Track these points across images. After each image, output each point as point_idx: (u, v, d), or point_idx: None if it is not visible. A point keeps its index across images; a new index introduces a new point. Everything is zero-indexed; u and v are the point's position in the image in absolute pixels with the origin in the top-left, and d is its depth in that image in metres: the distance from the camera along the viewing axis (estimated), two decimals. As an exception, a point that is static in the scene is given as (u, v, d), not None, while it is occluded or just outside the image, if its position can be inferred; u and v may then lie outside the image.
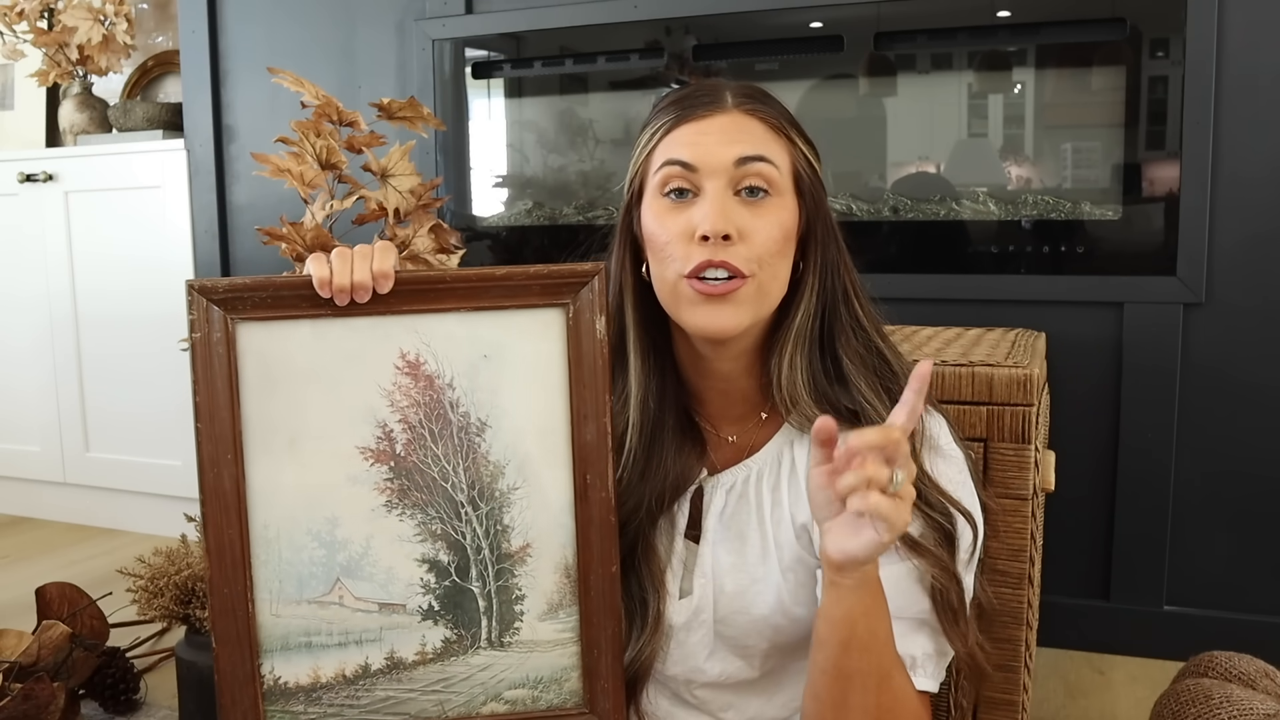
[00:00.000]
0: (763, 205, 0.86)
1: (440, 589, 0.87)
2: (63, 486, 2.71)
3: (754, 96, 0.89)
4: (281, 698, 0.86)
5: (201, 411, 0.82)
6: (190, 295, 0.82)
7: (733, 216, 0.84)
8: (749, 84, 0.91)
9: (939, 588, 0.84)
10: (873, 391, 0.87)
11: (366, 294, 0.83)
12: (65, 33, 2.59)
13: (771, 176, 0.86)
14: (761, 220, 0.85)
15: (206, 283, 0.82)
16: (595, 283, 0.86)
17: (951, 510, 0.84)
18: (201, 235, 2.49)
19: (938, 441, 0.88)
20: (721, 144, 0.86)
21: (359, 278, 0.82)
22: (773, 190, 0.86)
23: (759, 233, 0.85)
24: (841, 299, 0.90)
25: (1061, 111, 1.85)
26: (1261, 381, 1.73)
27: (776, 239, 0.86)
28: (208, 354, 0.82)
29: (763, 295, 0.87)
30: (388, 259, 0.83)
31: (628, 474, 0.92)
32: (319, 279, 0.82)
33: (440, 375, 0.85)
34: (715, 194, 0.85)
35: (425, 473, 0.86)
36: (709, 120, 0.87)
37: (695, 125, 0.87)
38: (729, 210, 0.84)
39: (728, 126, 0.86)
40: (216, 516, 0.83)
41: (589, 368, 0.86)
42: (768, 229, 0.85)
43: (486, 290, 0.85)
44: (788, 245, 0.88)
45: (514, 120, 2.24)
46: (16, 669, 1.45)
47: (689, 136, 0.87)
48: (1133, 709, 1.64)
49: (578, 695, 0.89)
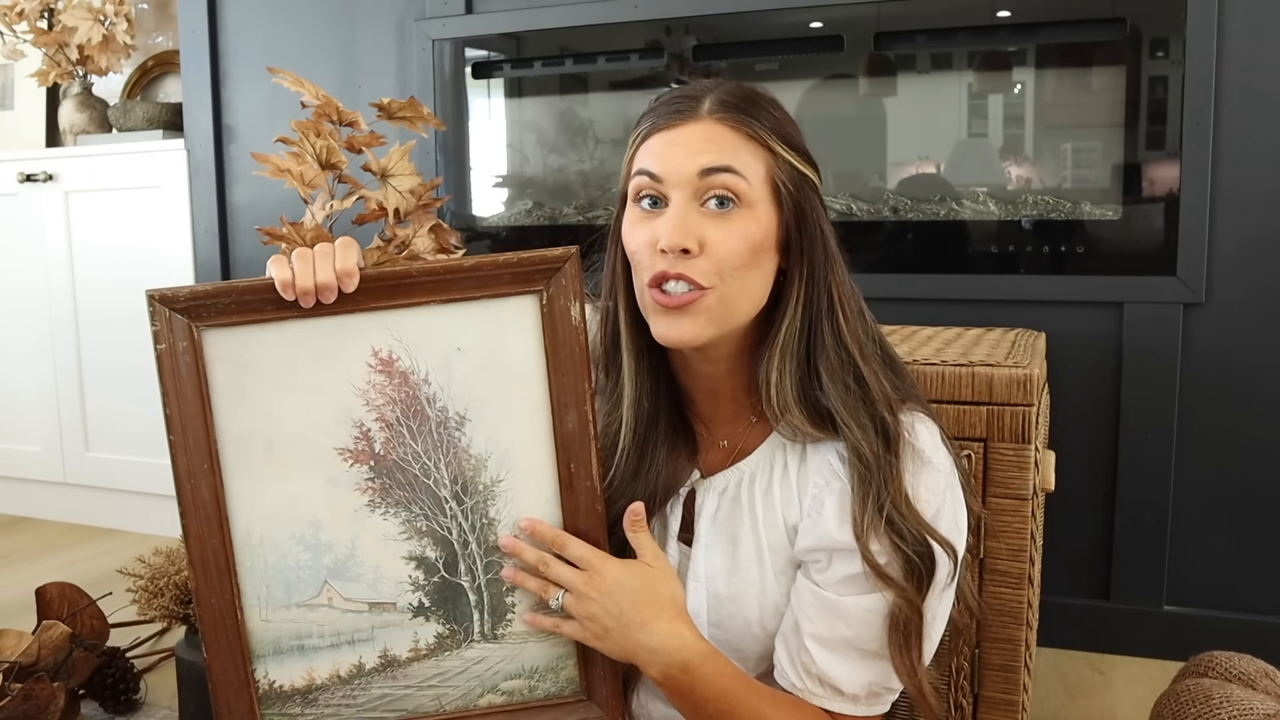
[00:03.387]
0: (729, 216, 0.84)
1: (429, 585, 0.86)
2: (63, 486, 2.71)
3: (731, 104, 0.86)
4: (278, 701, 0.86)
5: (173, 424, 0.81)
6: (152, 306, 0.81)
7: (693, 229, 0.83)
8: (736, 87, 0.89)
9: (900, 618, 0.84)
10: (849, 411, 0.85)
11: (331, 294, 0.81)
12: (65, 33, 2.59)
13: (738, 187, 0.84)
14: (725, 232, 0.84)
15: (167, 292, 0.81)
16: (568, 268, 0.84)
17: (927, 539, 0.84)
18: (201, 235, 2.49)
19: (923, 450, 0.87)
20: (688, 155, 0.84)
21: (322, 278, 0.80)
22: (741, 201, 0.84)
23: (721, 245, 0.84)
24: (825, 313, 0.88)
25: (1061, 111, 1.85)
26: (1261, 381, 1.73)
27: (739, 251, 0.84)
28: (174, 365, 0.81)
29: (727, 307, 0.85)
30: (350, 257, 0.82)
31: (620, 473, 0.91)
32: (281, 282, 0.80)
33: (415, 371, 0.84)
34: (677, 206, 0.84)
35: (406, 470, 0.85)
36: (679, 130, 0.86)
37: (667, 134, 0.86)
38: (689, 223, 0.83)
39: (697, 136, 0.85)
40: (198, 528, 0.82)
41: (566, 355, 0.85)
42: (730, 241, 0.84)
43: (456, 282, 0.84)
44: (756, 257, 0.85)
45: (514, 120, 2.24)
46: (16, 669, 1.45)
47: (659, 146, 0.86)
48: (1133, 709, 1.64)
49: (574, 683, 0.89)
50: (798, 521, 0.89)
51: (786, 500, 0.90)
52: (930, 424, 0.89)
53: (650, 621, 0.83)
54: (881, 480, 0.83)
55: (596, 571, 0.85)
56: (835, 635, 0.86)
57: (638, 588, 0.84)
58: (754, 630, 0.91)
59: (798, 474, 0.90)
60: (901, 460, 0.85)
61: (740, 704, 0.85)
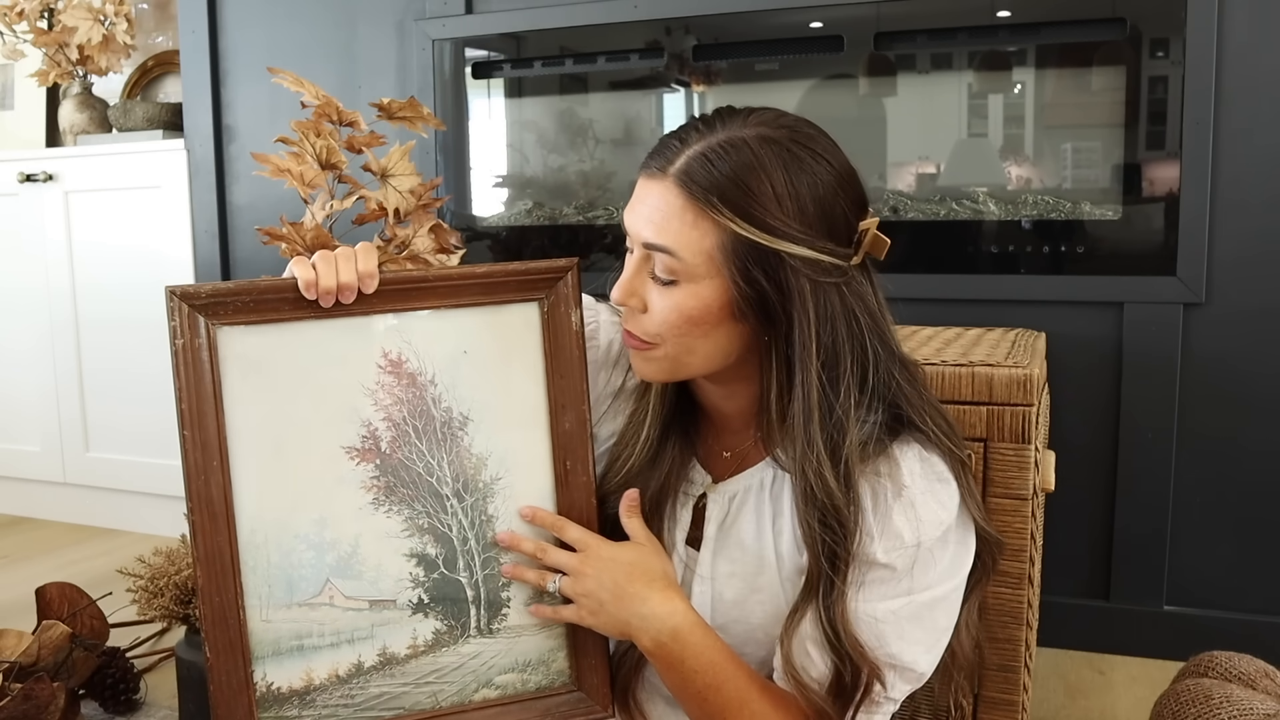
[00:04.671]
0: (669, 288, 0.84)
1: (429, 582, 0.88)
2: (63, 486, 2.71)
3: (701, 169, 0.81)
4: (275, 704, 0.86)
5: (187, 419, 0.82)
6: (171, 302, 0.81)
7: (638, 289, 0.86)
8: (723, 145, 0.81)
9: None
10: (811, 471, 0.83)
11: (352, 294, 0.83)
12: (65, 33, 2.59)
13: (673, 267, 0.83)
14: (664, 301, 0.84)
15: (188, 289, 0.82)
16: (569, 278, 0.89)
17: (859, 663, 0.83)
18: (201, 235, 2.49)
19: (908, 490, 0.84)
20: (640, 219, 0.85)
21: (344, 279, 0.83)
22: (680, 277, 0.83)
23: (658, 313, 0.85)
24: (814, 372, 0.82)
25: (1061, 111, 1.85)
26: (1261, 381, 1.73)
27: (675, 322, 0.84)
28: (191, 361, 0.82)
29: (677, 363, 0.87)
30: (371, 260, 0.84)
31: (639, 460, 0.94)
32: (305, 281, 0.82)
33: (422, 372, 0.87)
34: (630, 265, 0.87)
35: (410, 469, 0.87)
36: (647, 185, 0.85)
37: (642, 185, 0.86)
38: (635, 283, 0.86)
39: (655, 200, 0.83)
40: (205, 524, 0.82)
41: (565, 359, 0.89)
42: (664, 312, 0.84)
43: (466, 288, 0.87)
44: (697, 327, 0.84)
45: (514, 120, 2.24)
46: (16, 669, 1.45)
47: (634, 197, 0.87)
48: (1133, 709, 1.64)
49: (565, 674, 0.91)
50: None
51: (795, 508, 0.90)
52: (942, 459, 0.86)
53: (643, 591, 0.86)
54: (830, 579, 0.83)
55: (592, 551, 0.89)
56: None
57: (632, 561, 0.88)
58: (758, 635, 0.91)
59: None
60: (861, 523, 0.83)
61: (729, 679, 0.86)
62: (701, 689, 0.86)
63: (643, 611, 0.86)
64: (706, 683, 0.85)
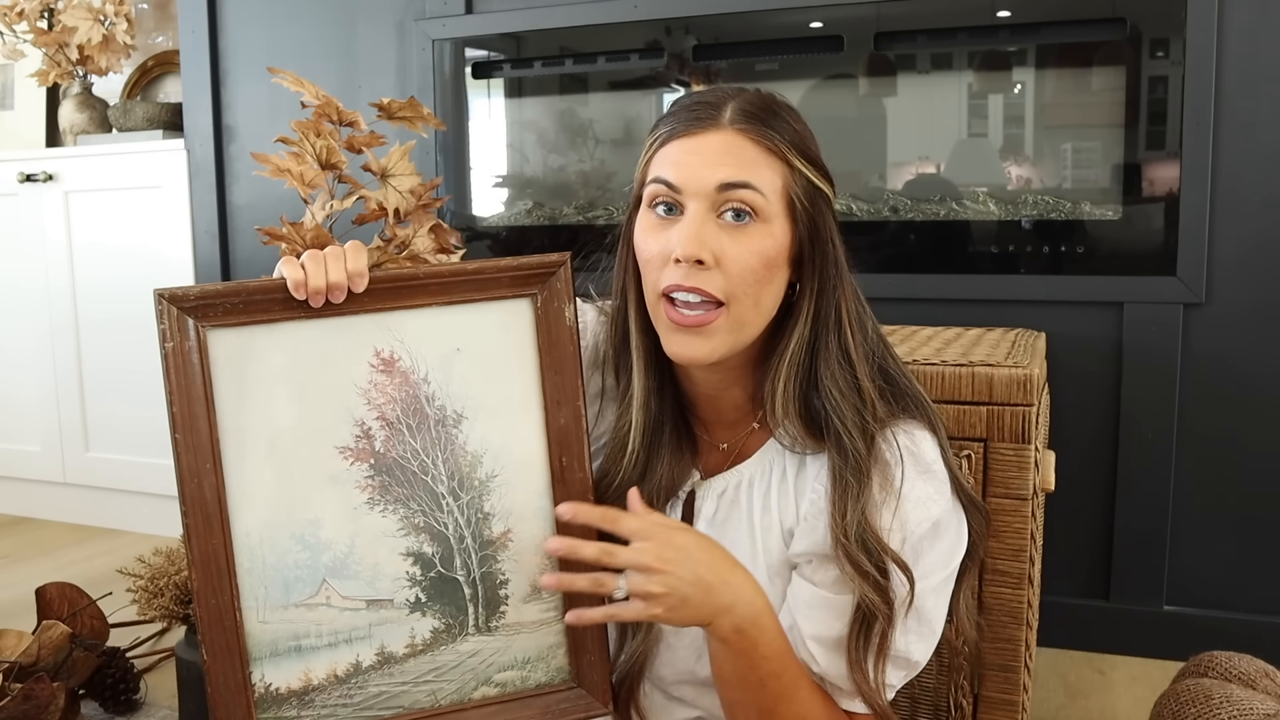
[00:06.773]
0: (745, 230, 0.84)
1: (426, 580, 0.87)
2: (63, 486, 2.71)
3: (753, 114, 0.85)
4: (274, 704, 0.85)
5: (178, 422, 0.82)
6: (160, 305, 0.81)
7: (709, 241, 0.83)
8: (757, 96, 0.88)
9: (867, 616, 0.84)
10: (840, 422, 0.85)
11: (342, 294, 0.82)
12: (65, 33, 2.59)
13: (755, 203, 0.83)
14: (741, 247, 0.84)
15: (177, 291, 0.81)
16: (562, 272, 0.88)
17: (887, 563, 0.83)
18: (201, 235, 2.49)
19: (923, 460, 0.86)
20: (707, 166, 0.84)
21: (334, 278, 0.82)
22: (758, 215, 0.84)
23: (737, 260, 0.83)
24: (833, 326, 0.87)
25: (1061, 111, 1.85)
26: (1261, 381, 1.73)
27: (754, 267, 0.84)
28: (181, 364, 0.82)
29: (739, 326, 0.86)
30: (361, 259, 0.83)
31: (628, 475, 0.92)
32: (294, 281, 0.81)
33: (415, 370, 0.86)
34: (694, 217, 0.84)
35: (405, 467, 0.86)
36: (700, 138, 0.85)
37: (687, 142, 0.85)
38: (705, 235, 0.83)
39: (717, 147, 0.84)
40: (199, 527, 0.82)
41: (559, 354, 0.88)
42: (745, 257, 0.84)
43: (458, 285, 0.86)
44: (769, 272, 0.85)
45: (514, 120, 2.24)
46: (16, 669, 1.45)
47: (678, 154, 0.86)
48: (1133, 709, 1.64)
49: (564, 671, 0.91)
50: (794, 525, 0.90)
51: (784, 504, 0.91)
52: (926, 437, 0.88)
53: (727, 577, 0.81)
54: (855, 497, 0.84)
55: (662, 540, 0.81)
56: (833, 634, 0.86)
57: (705, 545, 0.83)
58: None
59: (795, 479, 0.90)
60: (873, 480, 0.84)
61: (789, 666, 0.84)
62: (764, 676, 0.83)
63: (727, 600, 0.80)
64: (772, 669, 0.83)
